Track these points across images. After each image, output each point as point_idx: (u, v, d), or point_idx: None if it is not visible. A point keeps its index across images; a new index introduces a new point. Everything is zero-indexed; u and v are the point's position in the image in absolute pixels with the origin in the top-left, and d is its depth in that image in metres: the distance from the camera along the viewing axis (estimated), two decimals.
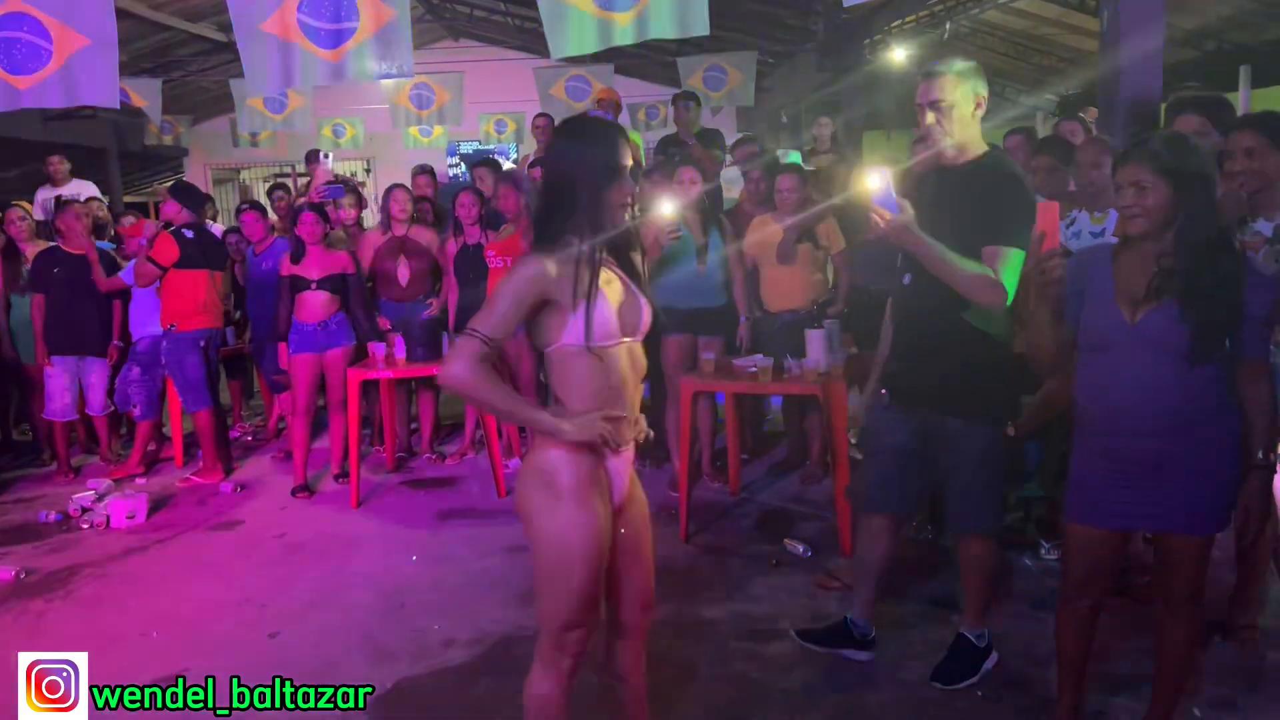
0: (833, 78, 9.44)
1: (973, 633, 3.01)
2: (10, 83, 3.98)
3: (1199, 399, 2.26)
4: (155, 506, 5.07)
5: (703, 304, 4.75)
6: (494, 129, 12.58)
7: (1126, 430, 2.32)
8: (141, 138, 13.08)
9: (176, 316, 5.30)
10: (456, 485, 5.32)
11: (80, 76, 3.99)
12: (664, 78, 12.73)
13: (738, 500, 4.75)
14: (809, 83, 10.76)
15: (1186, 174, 2.22)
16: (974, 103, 2.72)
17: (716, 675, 3.11)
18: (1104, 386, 2.34)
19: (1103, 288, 2.34)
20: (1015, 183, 2.74)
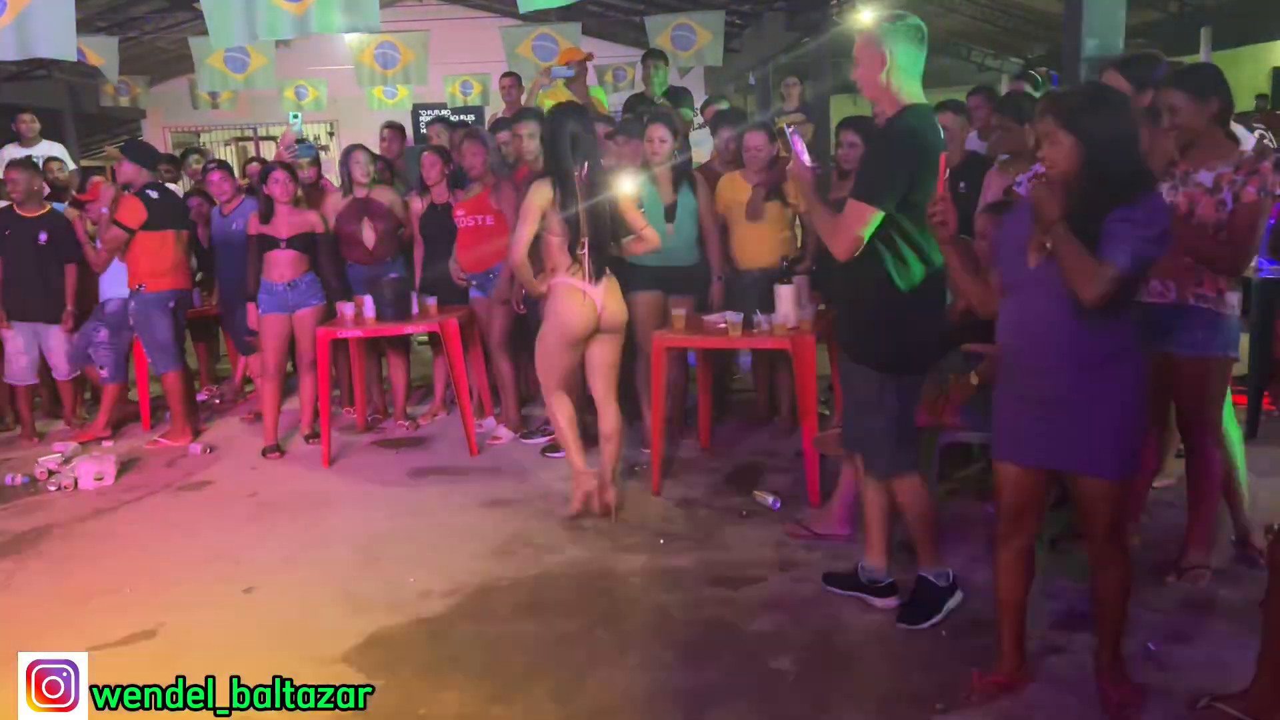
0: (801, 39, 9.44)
1: (931, 573, 3.09)
2: None
3: (1096, 342, 2.33)
4: (124, 468, 5.04)
5: (671, 262, 4.77)
6: (459, 90, 12.48)
7: (1031, 369, 2.42)
8: (97, 99, 12.83)
9: (144, 277, 5.23)
10: (429, 444, 5.34)
11: (35, 28, 3.89)
12: (631, 39, 12.66)
13: (708, 454, 4.81)
14: (778, 44, 10.75)
15: (1091, 127, 2.27)
16: (879, 63, 2.76)
17: (689, 620, 3.18)
18: (1012, 325, 2.46)
19: (1020, 233, 2.43)
20: (880, 141, 2.90)
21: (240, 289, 5.35)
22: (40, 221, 5.56)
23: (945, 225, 2.56)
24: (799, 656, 2.91)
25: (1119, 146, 2.29)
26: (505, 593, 3.46)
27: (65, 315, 5.57)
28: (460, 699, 2.80)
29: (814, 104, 8.77)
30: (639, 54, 10.81)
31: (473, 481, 4.65)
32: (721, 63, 9.06)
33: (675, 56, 8.07)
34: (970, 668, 2.71)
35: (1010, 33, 12.06)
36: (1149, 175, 2.43)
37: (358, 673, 2.94)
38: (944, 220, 2.56)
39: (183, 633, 3.29)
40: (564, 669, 2.92)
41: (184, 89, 13.17)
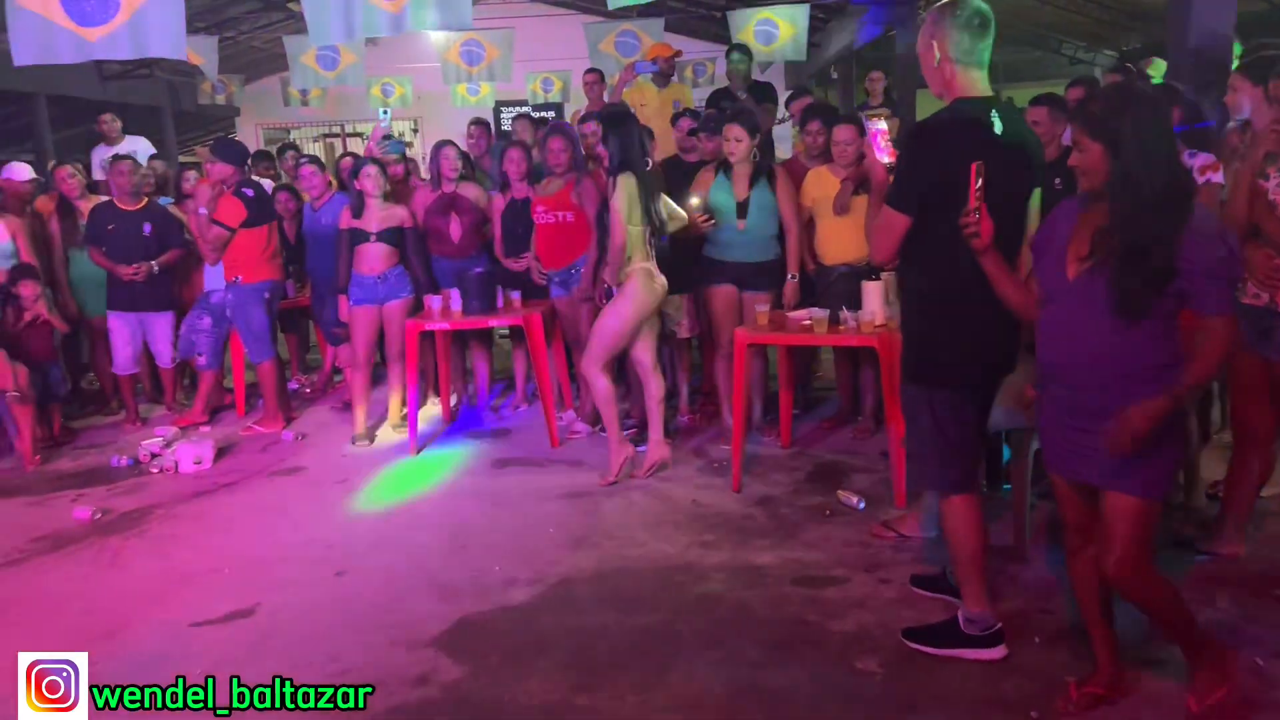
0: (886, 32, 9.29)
1: (967, 615, 2.83)
2: (80, 34, 4.07)
3: (1134, 357, 2.23)
4: (221, 453, 5.23)
5: (745, 258, 4.77)
6: (541, 87, 12.59)
7: (1067, 382, 2.34)
8: (195, 97, 13.30)
9: (241, 269, 5.42)
10: (511, 436, 5.41)
11: (148, 28, 4.06)
12: (712, 34, 12.62)
13: (790, 453, 4.77)
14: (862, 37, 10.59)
15: (1120, 134, 2.17)
16: (930, 54, 2.64)
17: (772, 618, 3.17)
18: (1049, 337, 2.37)
19: (1059, 242, 2.34)
20: (905, 141, 2.74)
21: (331, 282, 5.50)
22: (143, 214, 5.80)
23: (978, 237, 2.41)
24: (886, 658, 2.87)
25: (1151, 154, 2.17)
26: (587, 584, 3.49)
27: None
28: (545, 687, 2.83)
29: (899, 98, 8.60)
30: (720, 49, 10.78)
31: (554, 473, 4.71)
32: (805, 57, 8.98)
33: (758, 51, 8.01)
34: (1066, 676, 2.64)
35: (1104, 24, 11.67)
36: (1187, 186, 2.27)
37: (446, 657, 3.01)
38: (975, 231, 2.41)
39: (279, 612, 3.40)
40: (646, 662, 2.94)
41: (276, 87, 13.56)
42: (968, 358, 2.71)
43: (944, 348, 2.72)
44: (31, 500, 4.72)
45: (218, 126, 16.08)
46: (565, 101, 12.61)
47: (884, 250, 2.72)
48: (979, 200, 2.40)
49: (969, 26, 2.58)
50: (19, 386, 5.13)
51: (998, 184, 2.48)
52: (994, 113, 2.61)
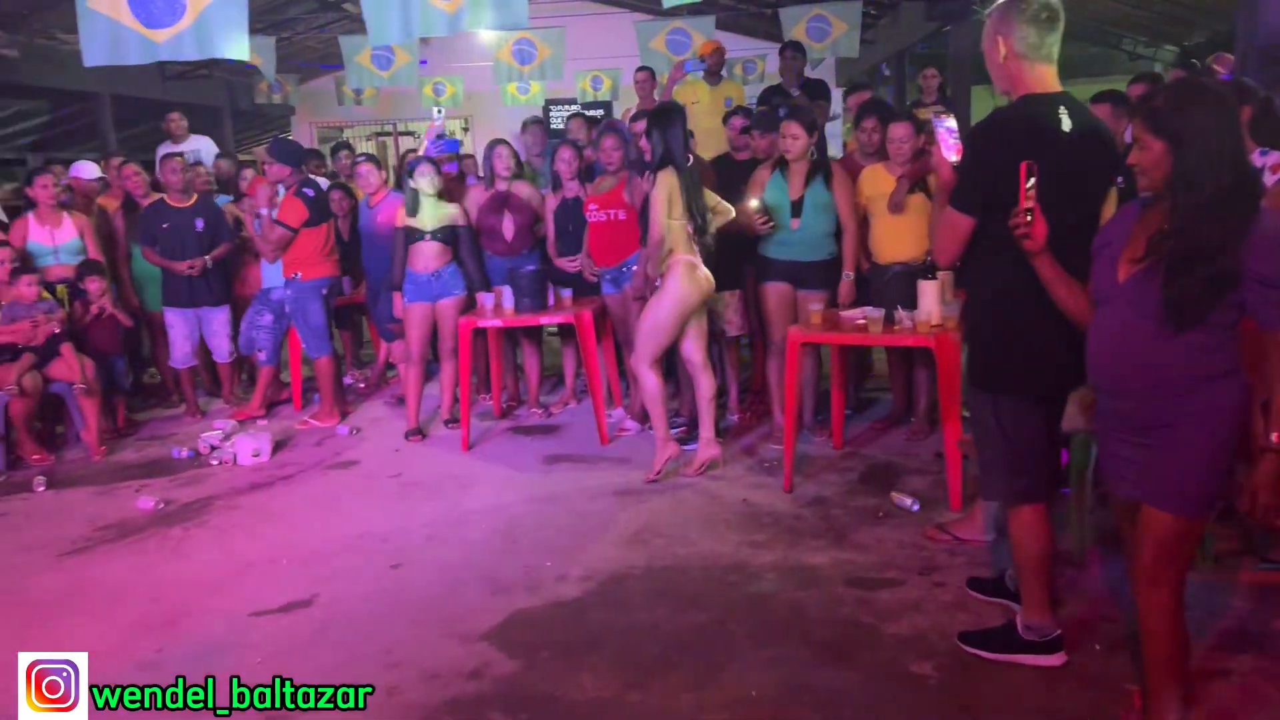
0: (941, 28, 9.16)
1: (1026, 623, 2.79)
2: (147, 36, 4.18)
3: (1183, 366, 2.13)
4: (278, 446, 5.33)
5: (799, 257, 4.73)
6: (590, 85, 12.62)
7: (1112, 389, 2.26)
8: (252, 97, 13.55)
9: (300, 265, 5.52)
10: (561, 432, 5.45)
11: (212, 30, 4.16)
12: (763, 32, 12.56)
13: (841, 454, 4.74)
14: (915, 33, 10.46)
15: (1182, 131, 2.08)
16: (996, 49, 2.56)
17: (825, 618, 3.15)
18: (1095, 343, 2.30)
19: (1115, 243, 2.26)
20: (967, 140, 2.65)
21: (386, 279, 5.58)
22: (194, 210, 5.93)
23: (1030, 239, 2.34)
24: (941, 662, 2.84)
25: (1216, 153, 2.07)
26: (638, 581, 3.50)
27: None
28: (597, 683, 2.84)
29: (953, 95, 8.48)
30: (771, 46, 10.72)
31: (604, 470, 4.72)
32: (858, 53, 8.90)
33: (810, 48, 7.95)
34: (1128, 685, 2.59)
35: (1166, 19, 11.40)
36: (1254, 188, 2.17)
37: (498, 651, 3.04)
38: (1026, 233, 2.34)
39: (335, 604, 3.46)
40: (699, 660, 2.94)
41: (330, 86, 13.76)
42: (1036, 365, 2.61)
43: (1011, 354, 2.64)
44: (98, 490, 4.86)
45: (274, 125, 16.38)
46: (614, 99, 12.63)
47: (948, 252, 2.65)
48: (1031, 200, 2.34)
49: (1036, 20, 2.51)
50: (86, 379, 5.28)
51: (1066, 183, 2.42)
52: (1063, 109, 2.54)
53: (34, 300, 5.27)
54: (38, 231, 5.65)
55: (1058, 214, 2.38)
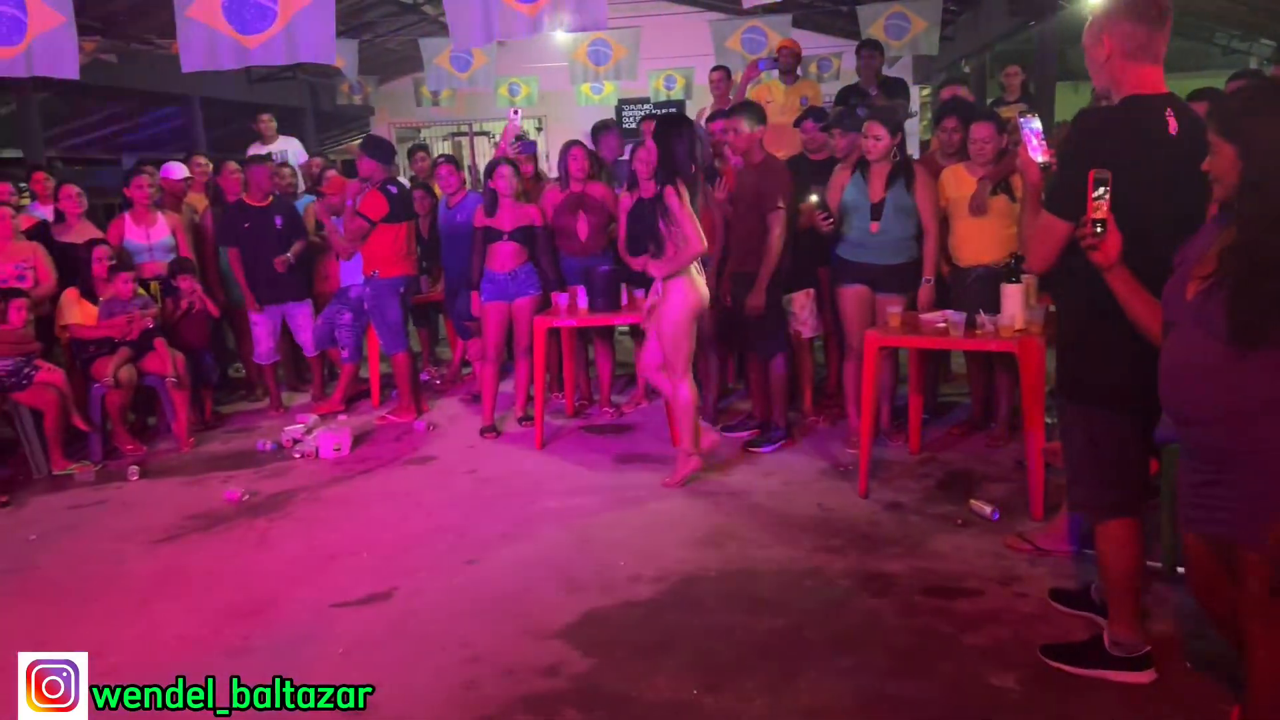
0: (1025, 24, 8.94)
1: (1113, 639, 2.71)
2: (241, 42, 4.32)
3: (1255, 390, 2.00)
4: (357, 441, 5.45)
5: (878, 260, 4.66)
6: (663, 84, 12.62)
7: (1180, 415, 2.14)
8: (334, 98, 13.88)
9: (379, 264, 5.64)
10: (632, 432, 5.47)
11: (301, 35, 4.28)
12: (839, 29, 12.41)
13: (918, 459, 4.66)
14: (997, 29, 10.23)
15: (1254, 136, 1.96)
16: (1101, 48, 2.46)
17: (902, 627, 3.10)
18: (1165, 364, 2.17)
19: (1190, 259, 2.14)
20: (1065, 143, 2.54)
21: (463, 277, 5.67)
22: (273, 209, 6.10)
23: (1100, 253, 2.25)
24: (1023, 675, 2.78)
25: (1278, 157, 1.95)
26: (712, 583, 3.50)
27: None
28: (672, 684, 2.85)
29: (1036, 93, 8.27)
30: (847, 44, 10.60)
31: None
32: (937, 51, 8.73)
33: (888, 46, 7.83)
34: (1222, 705, 2.49)
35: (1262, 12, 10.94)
36: None
37: (573, 649, 3.06)
38: (1094, 245, 2.24)
39: (413, 597, 3.52)
40: (774, 665, 2.92)
41: (408, 87, 14.03)
42: (1129, 376, 2.51)
43: (1104, 365, 2.56)
44: (187, 480, 5.04)
45: (354, 126, 16.77)
46: (687, 99, 12.61)
47: (1043, 258, 2.55)
48: (1102, 211, 2.25)
49: (1145, 18, 2.42)
50: (178, 373, 5.48)
51: (1172, 190, 2.33)
52: (1169, 111, 2.44)
53: (130, 296, 5.48)
54: (133, 230, 5.88)
55: (1161, 222, 2.30)
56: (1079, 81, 10.77)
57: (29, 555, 4.11)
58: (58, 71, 4.42)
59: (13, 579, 3.87)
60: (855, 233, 4.69)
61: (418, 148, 7.76)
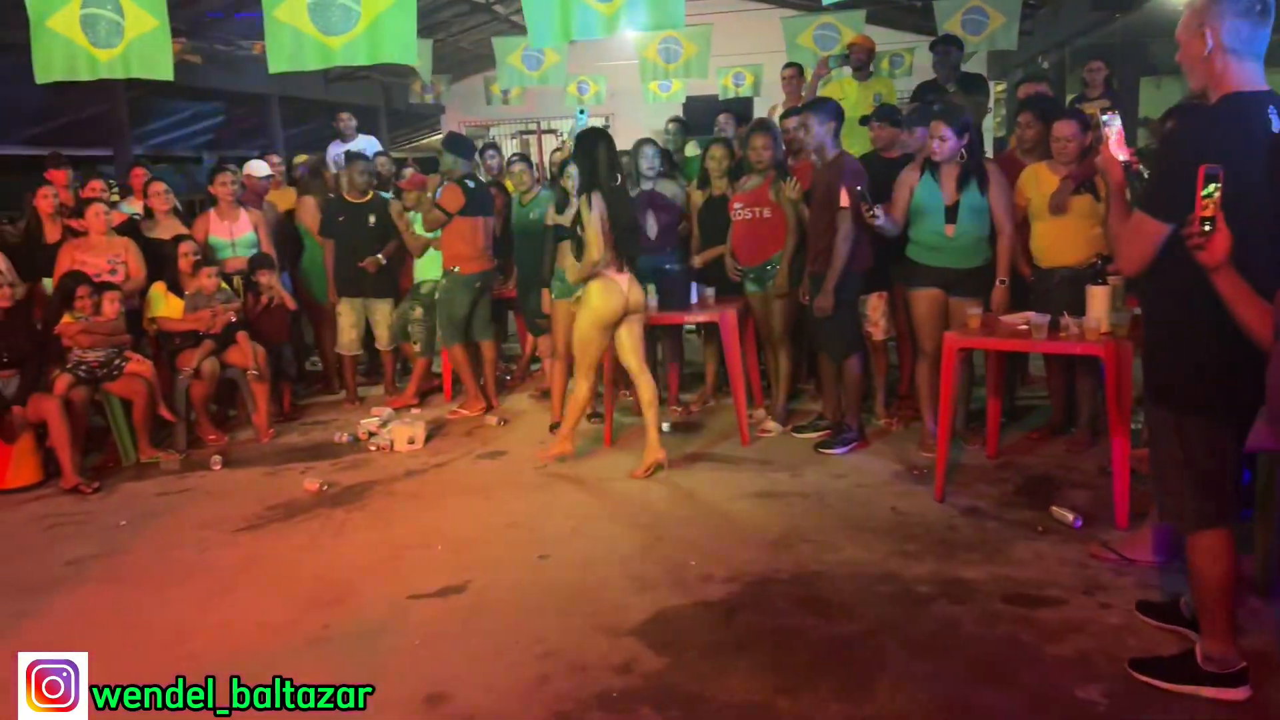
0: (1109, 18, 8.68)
1: (1206, 653, 2.62)
2: (325, 43, 4.41)
3: None
4: (430, 434, 5.54)
5: (952, 264, 4.55)
6: (732, 81, 12.55)
7: None
8: (406, 97, 14.11)
9: (458, 260, 5.72)
10: (700, 431, 5.45)
11: (384, 36, 4.35)
12: (912, 25, 12.20)
13: (996, 463, 4.57)
14: (1078, 24, 9.95)
15: None
16: (1200, 44, 2.37)
17: (982, 635, 3.04)
18: (1274, 372, 2.07)
19: None
20: (1164, 142, 2.44)
21: (536, 275, 5.71)
22: (368, 206, 6.25)
23: (1206, 253, 2.17)
24: (1110, 689, 2.70)
25: None
26: (785, 586, 3.47)
27: None
28: (746, 685, 2.83)
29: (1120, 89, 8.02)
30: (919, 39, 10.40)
31: (745, 471, 4.70)
32: (1015, 46, 8.52)
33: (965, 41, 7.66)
34: None
35: None
36: None
37: (646, 647, 3.06)
38: (1201, 245, 2.16)
39: (487, 591, 3.56)
40: (849, 670, 2.88)
41: (478, 86, 14.18)
42: (1225, 381, 2.43)
43: (1197, 370, 2.47)
44: (267, 470, 5.17)
45: (424, 124, 17.03)
46: (756, 96, 12.52)
47: (1135, 260, 2.47)
48: (1212, 209, 2.16)
49: (1249, 13, 2.34)
50: (259, 365, 5.63)
51: (1275, 190, 2.24)
52: (1272, 109, 2.35)
53: (213, 291, 5.64)
54: (218, 226, 6.05)
55: (1263, 224, 2.21)
56: (1162, 77, 10.43)
57: (120, 540, 4.26)
58: (154, 73, 4.57)
59: (105, 562, 4.02)
60: (928, 235, 4.59)
61: (488, 146, 7.83)
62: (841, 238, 4.64)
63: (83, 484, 4.86)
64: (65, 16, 4.36)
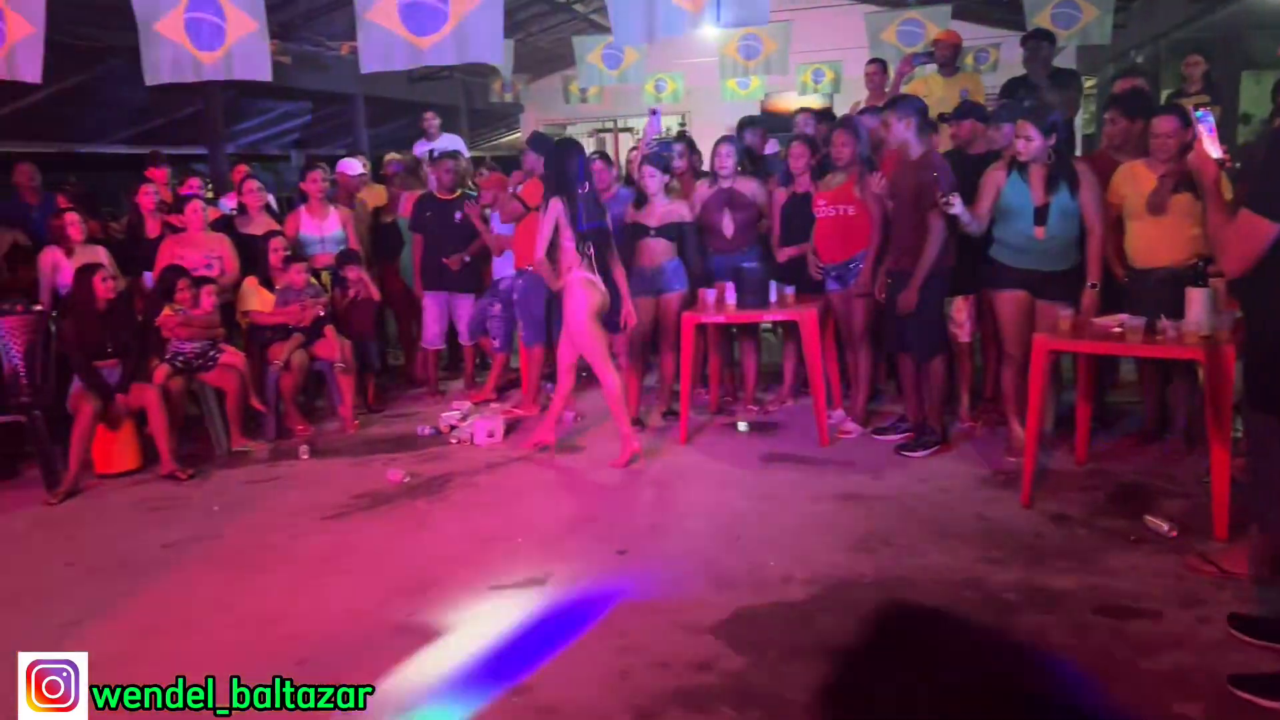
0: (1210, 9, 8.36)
1: None
2: (414, 43, 4.51)
3: None
4: (509, 428, 5.61)
5: (1039, 266, 4.43)
6: (811, 78, 12.41)
7: None
8: (486, 96, 14.29)
9: (532, 259, 5.77)
10: (778, 431, 5.42)
11: (471, 36, 4.43)
12: (997, 19, 11.90)
13: (1086, 470, 4.43)
14: (1173, 17, 9.60)
15: None
16: None
17: (1073, 646, 2.96)
18: None
19: None
20: (1276, 137, 2.31)
21: None
22: (455, 203, 6.36)
23: None
24: (1209, 707, 2.60)
25: None
26: (867, 590, 3.42)
27: None
28: (827, 687, 2.81)
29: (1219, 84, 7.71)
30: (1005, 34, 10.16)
31: (825, 472, 4.65)
32: (1109, 40, 8.24)
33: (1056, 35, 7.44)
34: None
35: None
36: None
37: (726, 646, 3.06)
38: None
39: (568, 585, 3.60)
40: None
41: (556, 85, 14.29)
42: None
43: None
44: (353, 460, 5.30)
45: (502, 123, 17.23)
46: (835, 93, 12.36)
47: (1241, 261, 2.40)
48: None
49: None
50: (345, 358, 5.78)
51: None
52: None
53: (303, 286, 5.81)
54: (308, 223, 6.23)
55: None
56: (1262, 71, 10.00)
57: (215, 525, 4.42)
58: (253, 75, 4.72)
59: (202, 546, 4.18)
60: (1016, 237, 4.46)
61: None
62: (934, 237, 4.56)
63: (179, 470, 5.06)
64: (171, 20, 4.53)
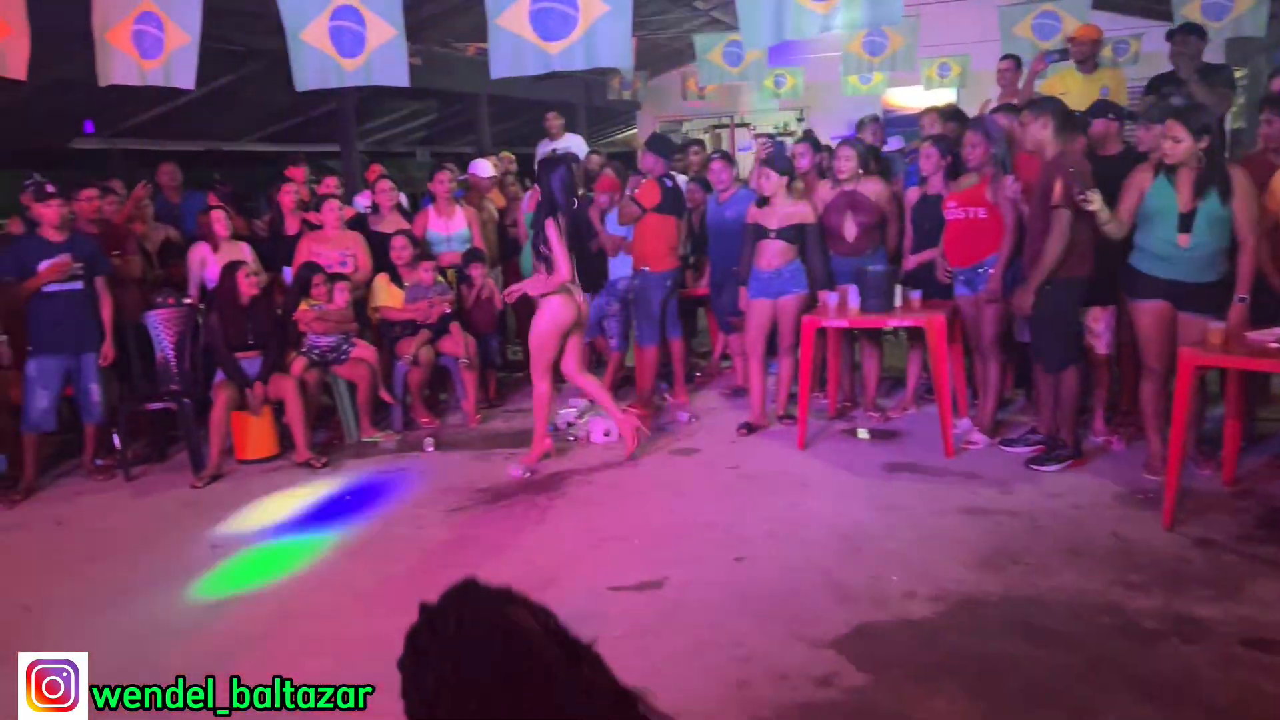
0: None
1: None
2: (544, 48, 4.58)
3: None
4: None
5: (1184, 277, 4.16)
6: (937, 73, 12.05)
7: None
8: (605, 94, 14.42)
9: (649, 259, 5.82)
10: (900, 439, 5.29)
11: (600, 40, 4.46)
12: (1140, 8, 11.31)
13: (1234, 491, 4.19)
14: None
15: None
16: None
17: (1219, 680, 2.81)
18: None
19: None
20: None
21: (731, 272, 5.72)
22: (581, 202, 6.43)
23: None
24: None
25: None
26: (994, 609, 3.32)
27: None
28: (952, 709, 2.74)
29: None
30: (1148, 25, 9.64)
31: (950, 484, 4.53)
32: (1264, 33, 7.72)
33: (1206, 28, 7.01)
34: None
35: None
36: None
37: (848, 662, 3.01)
38: None
39: (685, 588, 3.61)
40: (1066, 704, 2.74)
41: (674, 82, 14.30)
42: None
43: None
44: (475, 454, 5.45)
45: (620, 121, 17.37)
46: (962, 88, 11.97)
47: None
48: None
49: None
50: (469, 354, 5.94)
51: None
52: None
53: (430, 283, 5.99)
54: (435, 222, 6.42)
55: None
56: None
57: (346, 514, 4.61)
58: (392, 80, 4.89)
59: (335, 533, 4.36)
60: (1159, 244, 4.21)
61: (692, 142, 7.89)
62: (1055, 236, 4.37)
63: (313, 459, 5.30)
64: (316, 29, 4.72)
